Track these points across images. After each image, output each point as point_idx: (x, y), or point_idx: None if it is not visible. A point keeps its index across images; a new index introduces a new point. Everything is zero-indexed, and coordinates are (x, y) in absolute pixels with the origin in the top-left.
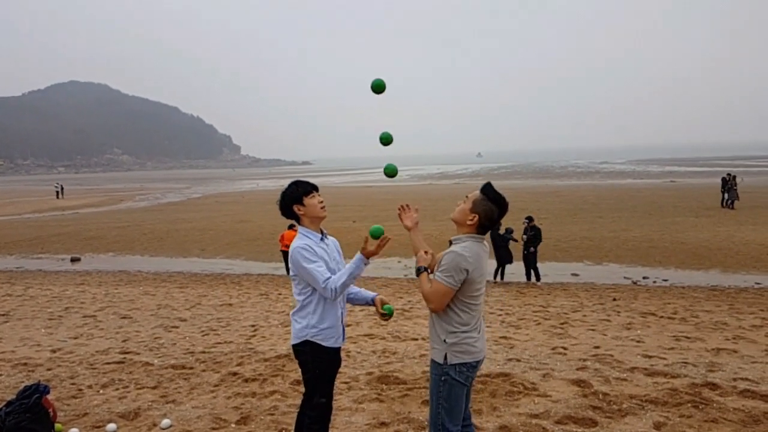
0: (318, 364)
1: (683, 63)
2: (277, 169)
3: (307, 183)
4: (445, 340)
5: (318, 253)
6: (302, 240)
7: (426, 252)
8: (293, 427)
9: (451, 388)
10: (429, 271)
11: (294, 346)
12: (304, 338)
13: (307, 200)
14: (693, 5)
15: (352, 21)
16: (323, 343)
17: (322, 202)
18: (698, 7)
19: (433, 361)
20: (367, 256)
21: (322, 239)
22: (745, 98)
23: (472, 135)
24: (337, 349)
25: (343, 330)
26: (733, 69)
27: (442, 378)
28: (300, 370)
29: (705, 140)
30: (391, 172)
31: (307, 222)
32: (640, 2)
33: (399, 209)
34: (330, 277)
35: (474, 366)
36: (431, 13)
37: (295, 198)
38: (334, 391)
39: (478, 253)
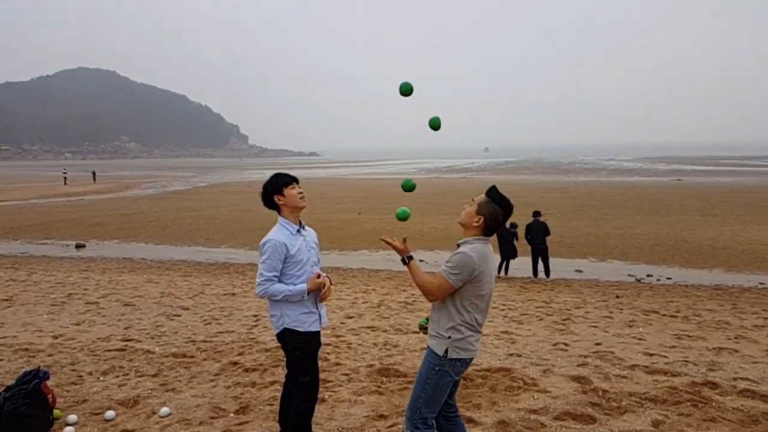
0: (298, 345)
1: (691, 62)
2: (284, 160)
3: (287, 175)
4: (449, 336)
5: (289, 252)
6: (279, 233)
7: (403, 243)
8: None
9: (441, 379)
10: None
11: (276, 335)
12: (282, 327)
13: (287, 191)
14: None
15: (364, 11)
16: (299, 329)
17: (301, 193)
18: (709, 5)
19: (431, 349)
20: (309, 292)
21: (299, 231)
22: (753, 98)
23: (480, 130)
24: (316, 333)
25: (320, 314)
26: (741, 69)
27: (437, 368)
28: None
29: (711, 139)
30: (409, 187)
31: (286, 212)
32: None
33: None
34: (272, 280)
35: (468, 362)
36: (453, 6)
37: (275, 189)
38: (333, 383)
39: (485, 254)
